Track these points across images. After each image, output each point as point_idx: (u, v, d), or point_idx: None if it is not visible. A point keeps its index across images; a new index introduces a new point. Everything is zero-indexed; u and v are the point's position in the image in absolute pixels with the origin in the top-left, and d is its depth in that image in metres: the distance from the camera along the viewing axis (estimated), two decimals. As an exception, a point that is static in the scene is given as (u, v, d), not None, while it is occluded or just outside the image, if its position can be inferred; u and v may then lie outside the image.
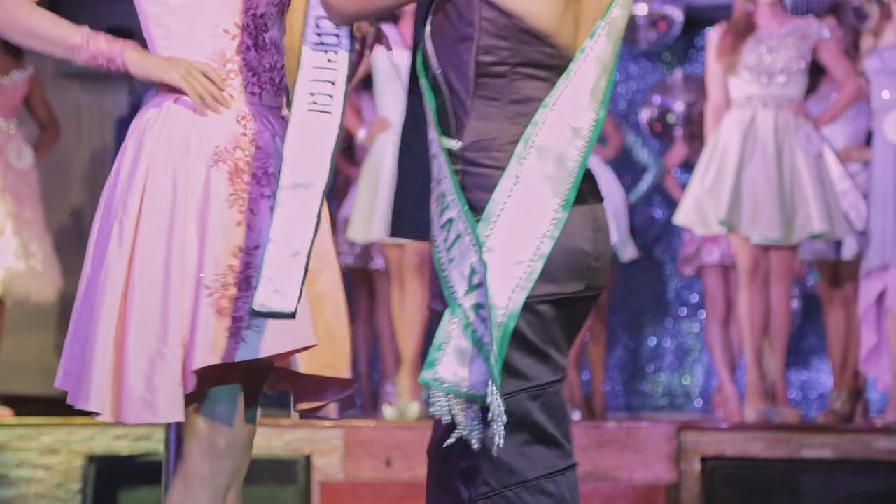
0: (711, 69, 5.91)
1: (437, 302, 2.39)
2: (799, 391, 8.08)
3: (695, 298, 8.34)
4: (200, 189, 2.60)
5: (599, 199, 2.43)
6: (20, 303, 6.13)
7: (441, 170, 2.36)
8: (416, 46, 2.46)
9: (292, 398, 2.77)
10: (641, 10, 8.04)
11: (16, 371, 6.79)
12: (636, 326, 8.46)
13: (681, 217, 5.87)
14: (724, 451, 5.33)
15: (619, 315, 8.33)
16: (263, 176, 2.63)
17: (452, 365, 2.32)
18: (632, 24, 8.04)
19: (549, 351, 2.36)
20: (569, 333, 2.41)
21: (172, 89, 2.66)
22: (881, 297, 5.58)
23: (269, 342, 2.55)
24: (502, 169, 2.33)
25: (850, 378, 6.14)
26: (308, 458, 5.37)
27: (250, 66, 2.67)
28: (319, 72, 2.50)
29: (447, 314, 2.34)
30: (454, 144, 2.36)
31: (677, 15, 8.09)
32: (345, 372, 2.67)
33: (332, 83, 2.51)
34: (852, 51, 5.96)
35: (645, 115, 8.09)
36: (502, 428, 2.28)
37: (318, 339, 2.60)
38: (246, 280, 2.57)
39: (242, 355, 2.55)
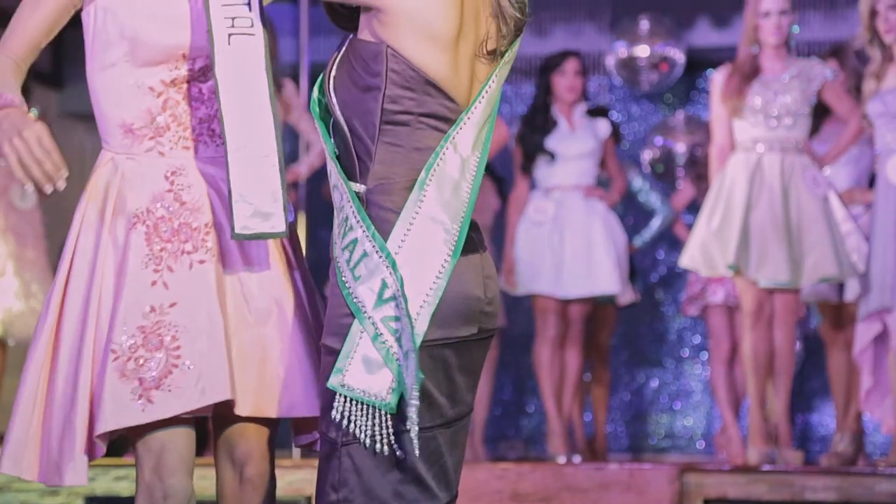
0: (716, 111, 5.91)
1: (333, 339, 2.47)
2: (802, 433, 8.05)
3: (697, 339, 8.33)
4: (120, 251, 2.63)
5: (485, 248, 2.58)
6: (21, 344, 6.12)
7: (343, 197, 2.48)
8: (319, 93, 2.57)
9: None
10: (643, 52, 8.07)
11: (17, 411, 6.77)
12: (639, 367, 8.45)
13: (686, 260, 5.87)
14: (726, 494, 5.30)
15: (622, 356, 8.33)
16: (185, 231, 2.65)
17: (360, 373, 2.41)
18: (633, 66, 8.08)
19: (436, 395, 2.45)
20: (466, 376, 2.51)
21: (107, 144, 2.71)
22: (878, 339, 5.57)
23: (179, 400, 2.56)
24: (395, 205, 2.46)
25: (854, 420, 6.12)
26: (309, 500, 5.35)
27: (181, 120, 2.68)
28: None
29: (355, 324, 2.43)
30: (358, 188, 2.48)
31: (679, 57, 8.12)
32: (298, 411, 2.63)
33: (247, 5, 2.59)
34: (854, 94, 5.97)
35: (647, 156, 8.12)
36: (416, 428, 2.38)
37: (256, 383, 2.60)
38: (157, 339, 2.58)
39: (146, 417, 2.55)
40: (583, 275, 6.46)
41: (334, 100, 2.51)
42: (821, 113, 5.98)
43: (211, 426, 2.77)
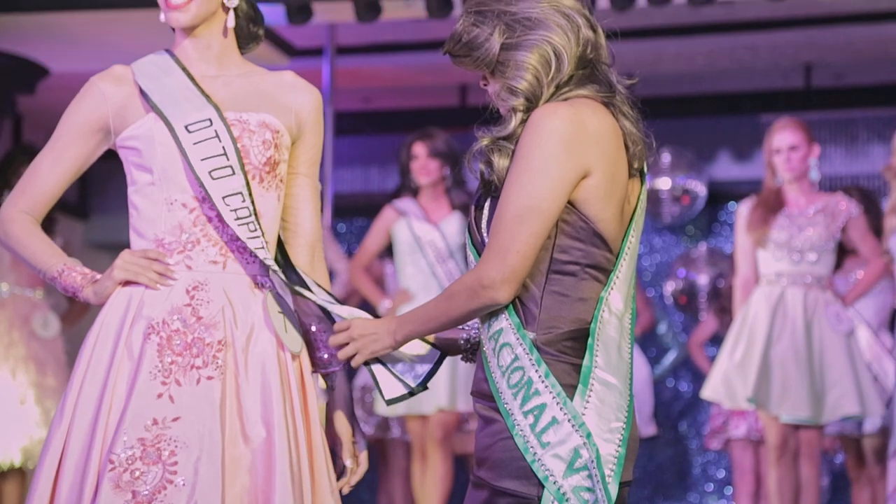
0: (741, 243, 5.90)
1: (511, 482, 2.43)
2: (829, 570, 7.92)
3: (721, 474, 8.24)
4: (134, 362, 2.66)
5: None
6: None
7: (522, 358, 2.44)
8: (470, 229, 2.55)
9: None
10: (665, 184, 8.12)
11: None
12: (662, 502, 8.34)
13: (708, 391, 5.84)
14: None
15: (644, 490, 8.23)
16: (198, 345, 2.67)
17: None
18: (655, 198, 8.12)
19: None
20: None
21: None
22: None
23: None
24: (569, 361, 2.44)
25: (881, 557, 6.02)
26: None
27: (211, 236, 2.72)
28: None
29: (546, 495, 2.40)
30: (529, 335, 2.45)
31: (700, 189, 8.17)
32: None
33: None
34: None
35: (669, 287, 8.12)
36: None
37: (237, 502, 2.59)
38: (156, 453, 2.59)
39: None
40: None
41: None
42: (843, 248, 5.97)
43: None
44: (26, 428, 6.04)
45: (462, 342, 2.66)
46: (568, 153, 2.40)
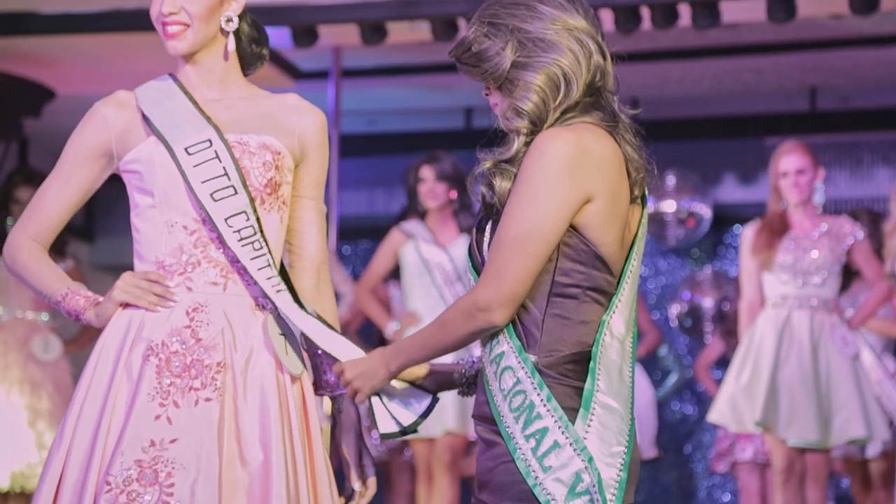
0: (745, 266, 5.90)
1: None
2: None
3: (727, 497, 8.22)
4: (133, 383, 2.66)
5: None
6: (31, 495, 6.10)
7: (524, 381, 2.44)
8: (470, 252, 2.55)
9: None
10: (670, 207, 8.12)
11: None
12: (667, 526, 8.32)
13: (715, 415, 5.82)
14: None
15: (650, 514, 8.21)
16: (197, 367, 2.67)
17: None
18: (660, 221, 8.12)
19: None
20: None
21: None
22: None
23: None
24: (571, 384, 2.43)
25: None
26: None
27: (212, 258, 2.73)
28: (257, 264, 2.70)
29: None
30: (530, 358, 2.45)
31: (705, 212, 8.17)
32: None
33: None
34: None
35: (674, 310, 8.11)
36: None
37: None
38: (153, 474, 2.59)
39: None
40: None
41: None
42: (850, 271, 5.96)
43: None
44: (20, 452, 6.03)
45: (457, 376, 2.66)
46: (570, 178, 2.40)
